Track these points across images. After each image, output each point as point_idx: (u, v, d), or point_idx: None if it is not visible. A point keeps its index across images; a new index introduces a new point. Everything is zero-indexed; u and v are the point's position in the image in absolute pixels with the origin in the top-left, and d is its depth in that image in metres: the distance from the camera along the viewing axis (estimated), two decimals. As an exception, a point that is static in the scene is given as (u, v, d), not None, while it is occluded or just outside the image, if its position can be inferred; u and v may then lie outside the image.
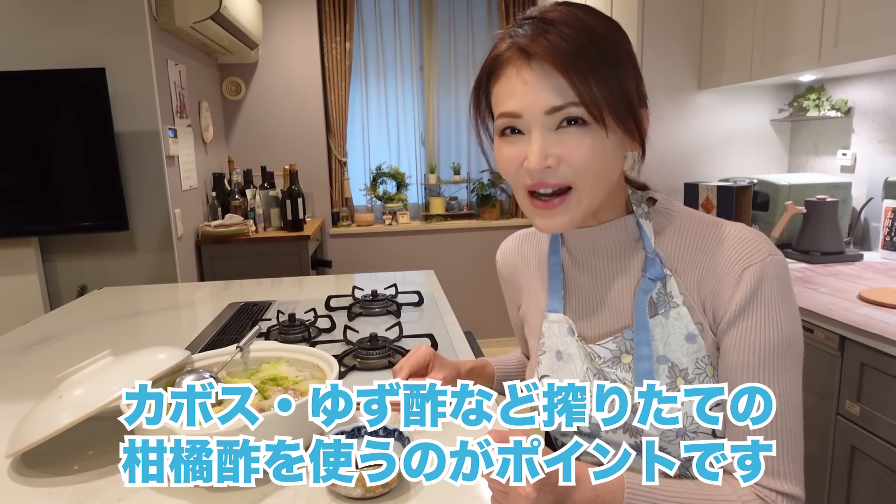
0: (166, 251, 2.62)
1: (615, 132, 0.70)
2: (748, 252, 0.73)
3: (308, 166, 3.81)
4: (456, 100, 4.01)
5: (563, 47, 0.67)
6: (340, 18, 3.71)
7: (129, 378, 0.86)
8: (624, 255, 0.81)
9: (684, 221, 0.80)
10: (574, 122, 0.69)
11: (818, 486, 1.60)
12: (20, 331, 1.57)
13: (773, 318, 0.71)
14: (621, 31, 0.73)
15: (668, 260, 0.78)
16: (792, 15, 2.05)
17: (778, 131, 2.70)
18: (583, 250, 0.84)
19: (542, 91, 0.68)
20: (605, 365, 0.80)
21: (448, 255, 4.00)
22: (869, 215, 2.21)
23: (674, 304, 0.76)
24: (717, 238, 0.76)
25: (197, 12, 2.56)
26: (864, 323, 1.41)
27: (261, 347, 1.06)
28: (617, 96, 0.69)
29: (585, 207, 0.74)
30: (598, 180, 0.72)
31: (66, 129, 2.36)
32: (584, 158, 0.70)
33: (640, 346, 0.76)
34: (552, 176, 0.71)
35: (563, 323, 0.85)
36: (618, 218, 0.80)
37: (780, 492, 0.71)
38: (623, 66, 0.70)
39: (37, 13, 2.38)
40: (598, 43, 0.68)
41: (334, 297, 1.70)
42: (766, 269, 0.72)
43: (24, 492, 0.80)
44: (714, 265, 0.74)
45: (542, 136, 0.70)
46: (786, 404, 0.72)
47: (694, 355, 0.75)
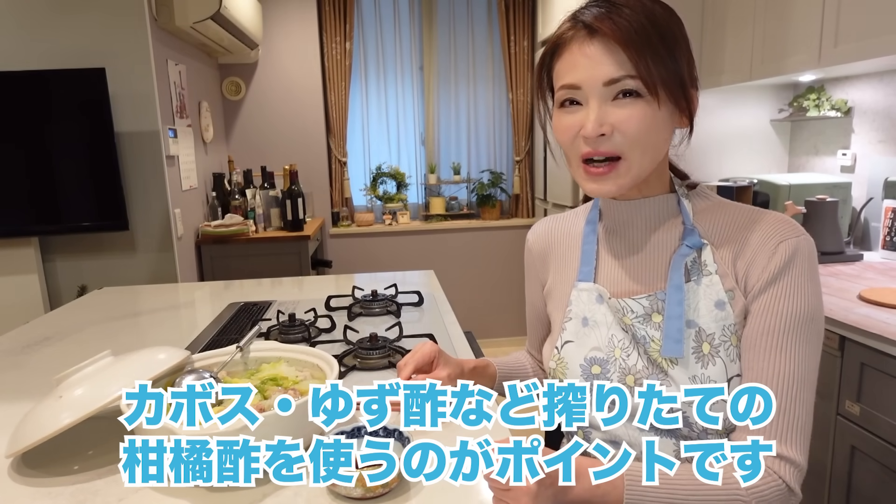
0: (166, 251, 2.62)
1: (667, 106, 0.76)
2: (784, 229, 0.78)
3: (308, 166, 3.81)
4: (456, 100, 4.01)
5: (624, 25, 0.73)
6: (340, 18, 3.71)
7: (129, 378, 0.86)
8: (661, 227, 0.85)
9: (722, 205, 0.85)
10: (629, 94, 0.75)
11: (818, 486, 1.60)
12: (20, 331, 1.57)
13: (802, 290, 0.76)
14: (677, 16, 0.79)
15: (705, 234, 0.83)
16: (792, 15, 2.05)
17: (778, 131, 2.70)
18: (622, 222, 0.88)
19: (602, 64, 0.74)
20: (637, 320, 0.82)
21: (448, 255, 4.00)
22: (869, 215, 2.21)
23: (707, 272, 0.80)
24: (754, 218, 0.81)
25: (197, 12, 2.56)
26: (864, 323, 1.41)
27: (261, 347, 1.05)
28: (671, 72, 0.74)
29: (634, 176, 0.78)
30: (646, 151, 0.77)
31: (66, 129, 2.35)
32: (636, 128, 0.75)
33: (672, 305, 0.79)
34: (605, 143, 0.76)
35: (592, 291, 0.88)
36: (660, 194, 0.85)
37: (780, 455, 0.72)
38: (678, 48, 0.76)
39: (37, 13, 2.38)
40: (657, 24, 0.74)
41: (334, 297, 1.70)
42: (801, 245, 0.76)
43: (24, 492, 0.80)
44: (751, 239, 0.79)
45: (600, 105, 0.75)
46: (802, 374, 0.74)
47: (721, 322, 0.78)
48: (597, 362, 0.85)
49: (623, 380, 0.81)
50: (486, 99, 4.02)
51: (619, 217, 0.88)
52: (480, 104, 4.03)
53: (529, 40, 3.87)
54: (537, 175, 3.92)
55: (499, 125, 4.07)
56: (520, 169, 4.00)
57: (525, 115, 3.95)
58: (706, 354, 0.77)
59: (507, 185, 4.07)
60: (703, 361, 0.77)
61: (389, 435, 0.84)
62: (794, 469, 0.72)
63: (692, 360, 0.77)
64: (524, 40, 3.86)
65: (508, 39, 3.85)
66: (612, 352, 0.84)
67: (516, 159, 3.99)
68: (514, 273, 4.03)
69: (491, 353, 1.19)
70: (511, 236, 4.01)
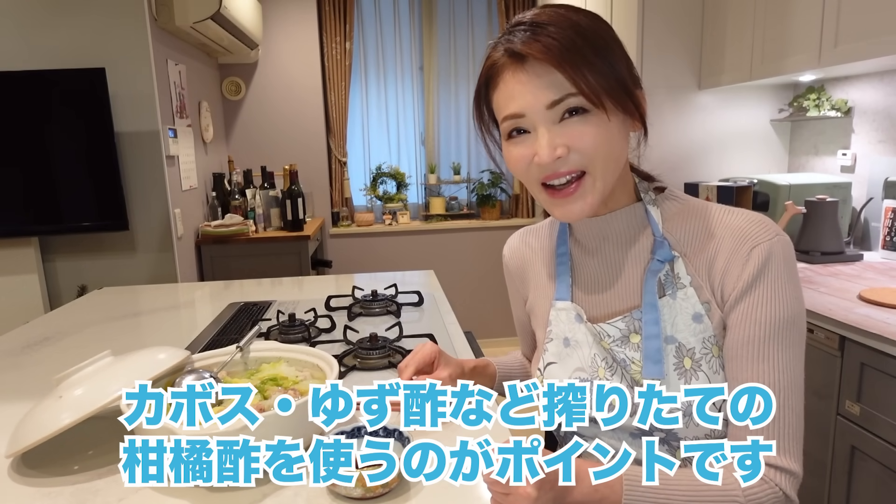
0: (166, 251, 2.62)
1: (615, 114, 0.73)
2: (756, 232, 0.75)
3: (308, 166, 3.81)
4: (456, 100, 4.01)
5: (552, 44, 0.70)
6: (340, 18, 3.71)
7: (129, 378, 0.86)
8: (633, 241, 0.83)
9: (692, 208, 0.82)
10: (575, 112, 0.72)
11: (818, 486, 1.60)
12: (20, 331, 1.57)
13: (779, 294, 0.74)
14: (603, 21, 0.76)
15: (677, 244, 0.80)
16: (792, 15, 2.05)
17: (778, 131, 2.70)
18: (593, 238, 0.86)
19: (539, 88, 0.72)
20: (615, 344, 0.81)
21: (448, 255, 4.00)
22: (869, 215, 2.21)
23: (681, 284, 0.78)
24: (724, 221, 0.78)
25: (197, 12, 2.56)
26: (864, 323, 1.41)
27: (261, 347, 1.05)
28: (611, 81, 0.72)
29: (601, 190, 0.76)
30: (608, 161, 0.75)
31: (66, 129, 2.35)
32: (592, 143, 0.73)
33: (649, 325, 0.78)
34: (563, 165, 0.74)
35: (570, 310, 0.86)
36: (627, 206, 0.83)
37: (778, 466, 0.72)
38: (612, 53, 0.74)
39: (37, 13, 2.38)
40: (585, 35, 0.72)
41: (334, 297, 1.70)
42: (774, 248, 0.74)
43: (24, 492, 0.80)
44: (723, 245, 0.77)
45: (548, 129, 0.73)
46: (789, 381, 0.73)
47: (700, 335, 0.77)
48: (581, 383, 0.84)
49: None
50: (486, 99, 4.02)
51: (590, 233, 0.85)
52: (480, 104, 4.03)
53: (529, 40, 3.87)
54: (537, 175, 3.92)
55: (499, 125, 4.07)
56: (520, 169, 4.00)
57: (525, 115, 3.95)
58: (688, 369, 0.76)
59: (507, 185, 4.07)
60: (685, 377, 0.76)
61: (389, 435, 0.84)
62: (790, 477, 0.72)
63: (674, 377, 0.77)
64: (524, 40, 3.86)
65: (508, 39, 3.84)
66: (596, 371, 0.83)
67: (516, 159, 3.99)
68: (514, 273, 4.02)
69: (491, 352, 1.19)
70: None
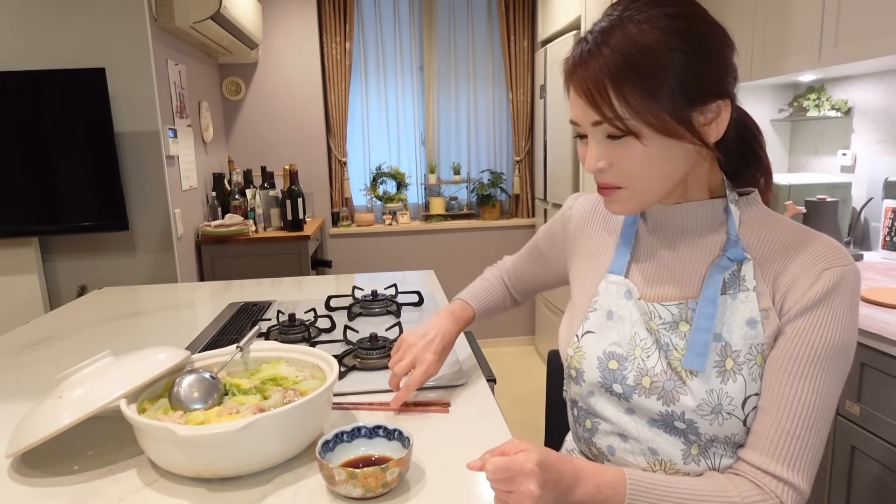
0: (166, 251, 2.62)
1: (655, 139, 0.72)
2: (832, 256, 0.75)
3: (308, 166, 3.81)
4: (456, 100, 4.01)
5: (590, 75, 0.71)
6: (340, 18, 3.71)
7: (129, 378, 0.86)
8: (705, 234, 0.82)
9: (772, 219, 0.82)
10: (614, 136, 0.74)
11: (818, 486, 1.60)
12: (20, 331, 1.57)
13: (839, 321, 0.73)
14: (676, 33, 0.71)
15: (749, 247, 0.80)
16: (792, 15, 2.05)
17: (778, 131, 2.70)
18: (661, 222, 0.86)
19: (584, 106, 0.74)
20: (663, 326, 0.81)
21: (448, 255, 4.00)
22: (869, 215, 2.21)
23: (744, 287, 0.78)
24: (803, 239, 0.78)
25: (197, 12, 2.56)
26: (864, 323, 1.41)
27: (261, 347, 1.05)
28: (646, 109, 0.70)
29: (641, 202, 0.79)
30: (649, 181, 0.76)
31: (66, 129, 2.35)
32: (630, 166, 0.75)
33: (702, 318, 0.77)
34: (604, 175, 0.77)
35: (621, 285, 0.86)
36: (705, 199, 0.82)
37: (784, 479, 0.72)
38: (659, 79, 0.70)
39: (37, 13, 2.38)
40: (634, 60, 0.70)
41: (334, 297, 1.70)
42: (846, 275, 0.74)
43: (24, 492, 0.80)
44: (796, 260, 0.76)
45: (597, 143, 0.76)
46: (823, 405, 0.73)
47: (750, 340, 0.76)
48: (615, 357, 0.83)
49: (639, 380, 0.80)
50: (486, 99, 4.02)
51: (658, 217, 0.86)
52: (480, 104, 4.03)
53: (529, 40, 3.87)
54: (537, 175, 3.92)
55: (499, 125, 4.07)
56: (520, 169, 4.00)
57: (525, 115, 3.95)
58: (729, 370, 0.75)
59: (507, 185, 4.07)
60: (723, 377, 0.75)
61: (389, 435, 0.84)
62: (796, 495, 0.72)
63: (713, 374, 0.76)
64: (524, 40, 3.86)
65: (508, 39, 3.85)
66: (633, 350, 0.82)
67: (516, 159, 4.00)
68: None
69: (491, 353, 1.19)
70: (511, 236, 4.01)
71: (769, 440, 0.73)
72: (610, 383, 0.83)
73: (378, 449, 0.83)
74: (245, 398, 0.89)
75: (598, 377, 0.85)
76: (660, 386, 0.79)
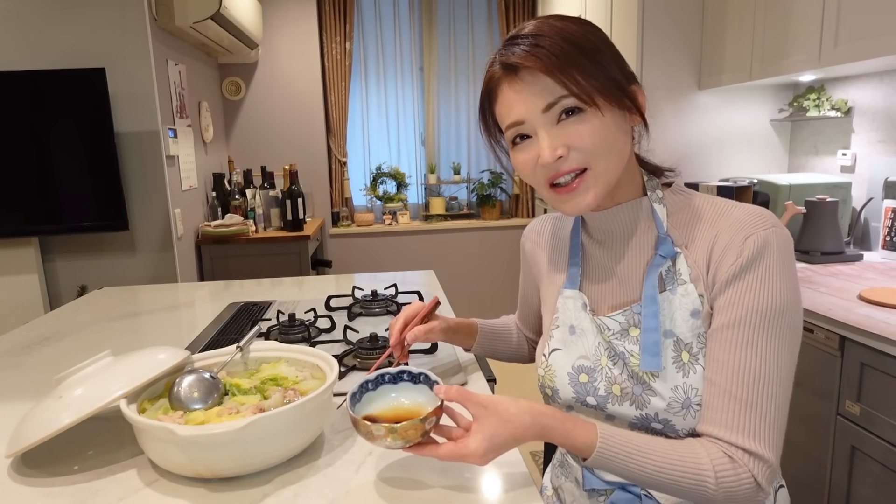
0: (166, 251, 2.62)
1: (610, 110, 0.76)
2: (754, 222, 0.76)
3: (308, 166, 3.81)
4: (456, 100, 4.01)
5: (542, 53, 0.74)
6: (340, 18, 3.71)
7: (129, 378, 0.86)
8: (637, 235, 0.85)
9: (696, 201, 0.84)
10: (571, 113, 0.76)
11: (818, 486, 1.60)
12: (20, 331, 1.57)
13: (771, 283, 0.74)
14: (592, 25, 0.80)
15: (680, 238, 0.82)
16: (792, 15, 2.05)
17: (778, 131, 2.70)
18: (600, 231, 0.88)
19: (533, 94, 0.76)
20: (614, 337, 0.83)
21: (448, 255, 4.00)
22: (869, 215, 2.21)
23: (681, 280, 0.79)
24: (726, 212, 0.80)
25: (197, 12, 2.56)
26: (864, 323, 1.41)
27: (261, 347, 1.05)
28: (601, 79, 0.75)
29: (604, 183, 0.79)
30: (609, 156, 0.78)
31: (66, 129, 2.36)
32: (590, 140, 0.76)
33: (648, 318, 0.79)
34: (565, 163, 0.77)
35: (577, 299, 0.88)
36: (633, 199, 0.85)
37: (748, 450, 0.72)
38: (601, 54, 0.77)
39: (37, 13, 2.38)
40: (575, 42, 0.75)
41: (334, 297, 1.70)
42: (770, 238, 0.75)
43: (24, 492, 0.80)
44: (721, 235, 0.78)
45: (547, 132, 0.76)
46: (770, 369, 0.73)
47: (697, 330, 0.78)
48: (584, 371, 0.85)
49: (610, 389, 0.82)
50: (486, 99, 4.02)
51: (598, 226, 0.88)
52: (480, 104, 4.03)
53: (529, 40, 3.87)
54: (537, 175, 3.92)
55: (499, 125, 4.07)
56: (520, 169, 4.00)
57: (525, 115, 3.95)
58: (686, 363, 0.77)
59: (507, 185, 4.07)
60: (683, 370, 0.77)
61: (415, 379, 0.81)
62: (763, 465, 0.71)
63: (673, 370, 0.77)
64: (524, 40, 3.86)
65: (508, 39, 3.85)
66: (599, 360, 0.84)
67: (516, 159, 3.99)
68: (515, 273, 4.02)
69: (491, 353, 1.19)
70: (511, 236, 4.01)
71: (722, 411, 0.73)
72: (584, 396, 0.85)
73: (406, 394, 0.81)
74: (245, 398, 0.89)
75: (571, 393, 0.86)
76: (629, 392, 0.80)
